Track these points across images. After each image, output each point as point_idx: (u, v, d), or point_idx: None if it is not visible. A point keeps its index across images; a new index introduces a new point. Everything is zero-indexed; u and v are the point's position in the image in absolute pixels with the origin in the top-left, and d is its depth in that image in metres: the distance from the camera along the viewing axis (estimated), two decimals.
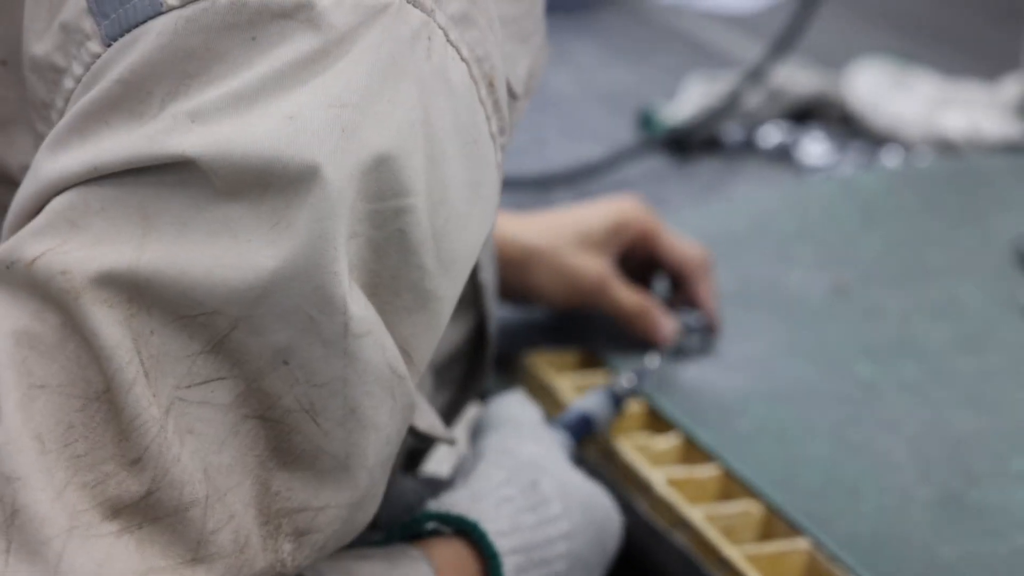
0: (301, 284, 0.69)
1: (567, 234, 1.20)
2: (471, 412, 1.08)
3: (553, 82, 1.92)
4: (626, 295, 1.20)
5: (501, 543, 0.85)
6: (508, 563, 0.85)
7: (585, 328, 1.25)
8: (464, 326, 0.96)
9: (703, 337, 1.22)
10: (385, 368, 0.73)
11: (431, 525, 0.85)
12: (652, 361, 1.16)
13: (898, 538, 1.00)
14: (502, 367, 1.24)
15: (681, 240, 1.24)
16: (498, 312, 1.28)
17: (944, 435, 1.12)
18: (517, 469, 0.89)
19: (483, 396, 1.09)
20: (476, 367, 1.01)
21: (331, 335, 0.71)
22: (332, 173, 0.69)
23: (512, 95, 0.83)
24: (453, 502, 0.86)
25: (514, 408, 0.96)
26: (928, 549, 0.99)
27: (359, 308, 0.71)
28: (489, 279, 0.96)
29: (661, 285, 1.28)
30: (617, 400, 1.10)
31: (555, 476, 0.90)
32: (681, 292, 1.25)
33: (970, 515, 1.02)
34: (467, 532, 0.85)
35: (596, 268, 1.19)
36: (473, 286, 0.94)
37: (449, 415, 1.02)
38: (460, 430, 1.10)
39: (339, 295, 0.70)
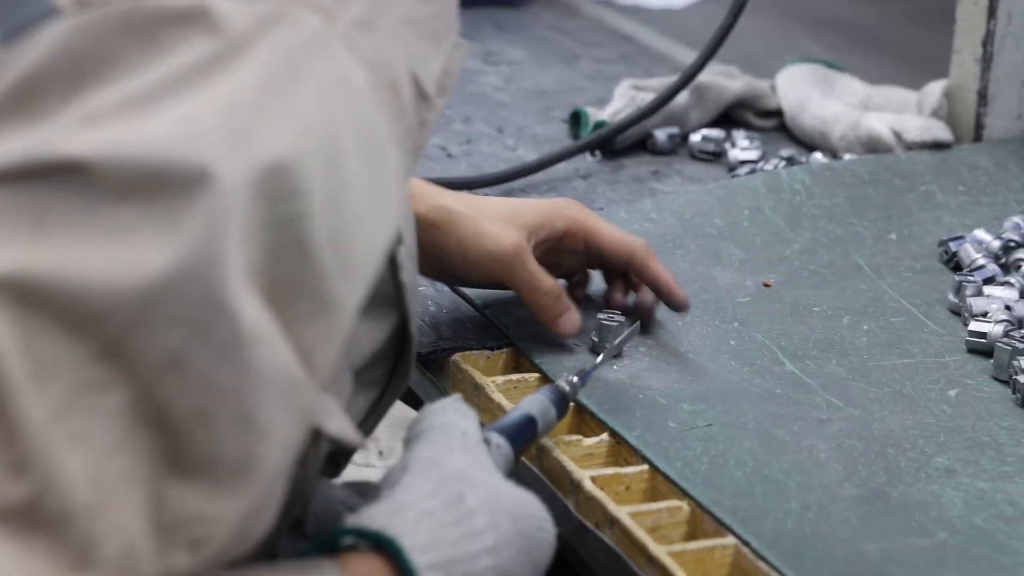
0: (192, 288, 0.69)
1: (494, 210, 1.20)
2: (396, 412, 1.07)
3: (483, 82, 1.92)
4: (541, 274, 1.19)
5: (419, 559, 0.83)
6: None
7: (514, 328, 1.25)
8: (386, 326, 0.96)
9: (632, 335, 1.22)
10: (281, 375, 0.72)
11: (348, 540, 0.83)
12: (593, 361, 1.15)
13: (823, 535, 1.01)
14: (430, 368, 1.24)
15: (617, 235, 1.24)
16: (427, 311, 1.29)
17: (869, 433, 1.13)
18: (442, 481, 0.87)
19: (415, 397, 1.08)
20: (398, 367, 1.01)
21: (223, 341, 0.70)
22: (225, 176, 0.69)
23: (423, 96, 0.83)
24: (372, 516, 0.84)
25: (449, 414, 0.95)
26: (852, 546, 1.00)
27: (253, 314, 0.70)
28: (411, 279, 0.96)
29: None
30: (561, 402, 1.08)
31: (483, 488, 0.89)
32: (630, 278, 1.25)
33: (894, 512, 1.04)
34: (384, 547, 0.83)
35: (514, 238, 1.19)
36: (395, 286, 0.94)
37: (372, 416, 1.02)
38: (384, 430, 1.09)
39: (230, 300, 0.70)
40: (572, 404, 1.15)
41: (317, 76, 0.73)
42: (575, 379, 1.09)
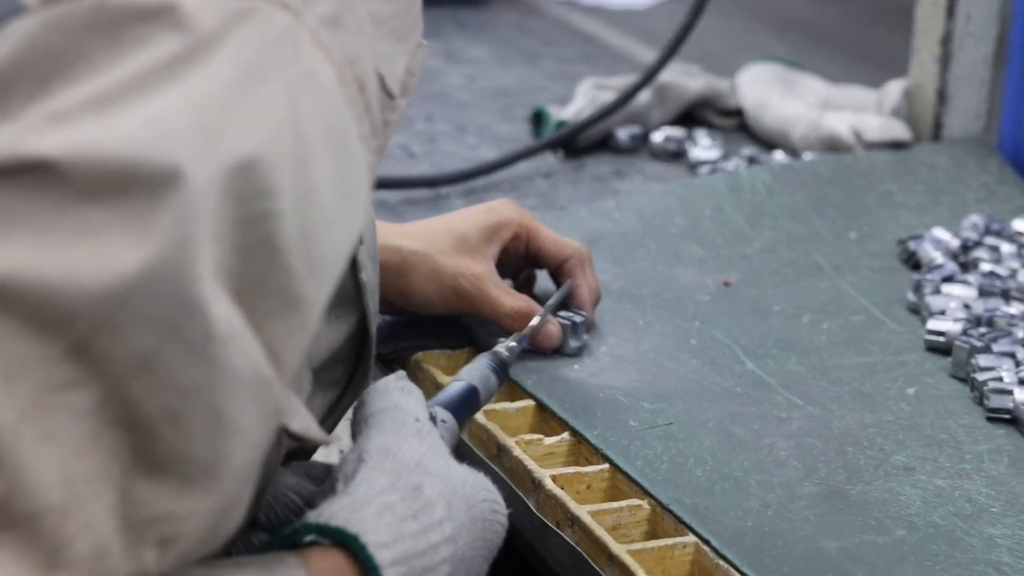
0: (162, 288, 0.69)
1: (443, 239, 1.21)
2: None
3: (445, 81, 1.92)
4: (504, 297, 1.20)
5: (382, 555, 0.83)
6: (390, 574, 0.83)
7: (474, 328, 1.25)
8: (346, 326, 0.96)
9: (581, 334, 1.22)
10: (251, 373, 0.72)
11: (310, 537, 0.83)
12: (532, 324, 1.16)
13: (782, 533, 1.01)
14: (391, 367, 1.24)
15: (559, 237, 1.25)
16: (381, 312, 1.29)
17: (828, 431, 1.14)
18: (399, 473, 0.87)
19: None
20: (358, 367, 1.01)
21: (194, 340, 0.70)
22: (195, 175, 0.69)
23: (388, 95, 0.83)
24: (333, 512, 0.84)
25: (395, 395, 0.94)
26: (812, 543, 1.00)
27: (223, 313, 0.70)
28: (371, 279, 0.96)
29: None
30: (501, 369, 1.08)
31: (439, 476, 0.89)
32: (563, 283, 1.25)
33: (853, 509, 1.04)
34: (347, 544, 0.83)
35: (473, 271, 1.20)
36: (355, 286, 0.94)
37: (332, 415, 1.02)
38: (346, 429, 1.09)
39: (201, 299, 0.69)
40: (536, 404, 1.16)
41: (285, 73, 0.72)
42: (513, 343, 1.11)
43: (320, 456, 1.08)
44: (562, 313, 1.22)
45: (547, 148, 1.65)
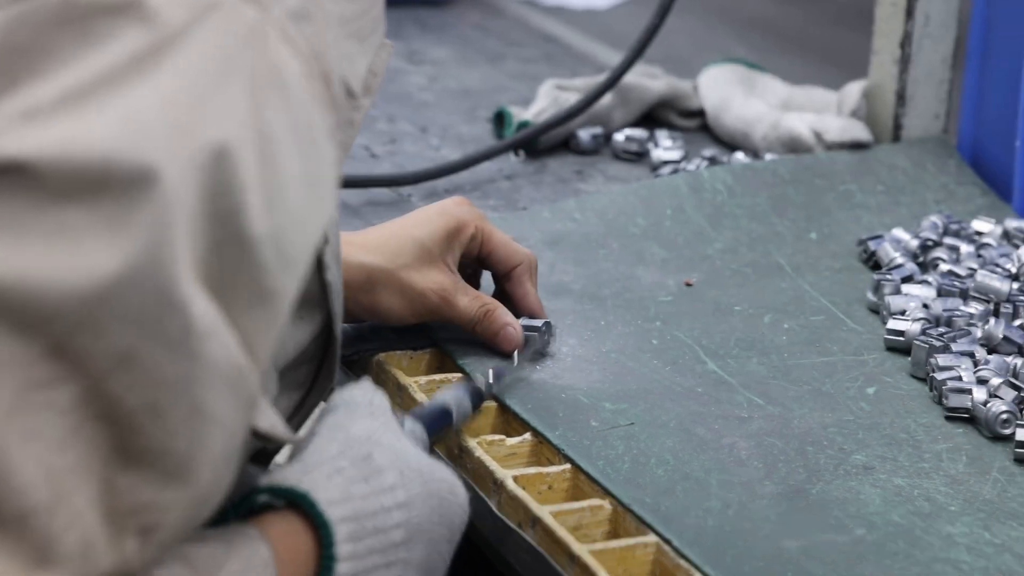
0: (142, 286, 0.69)
1: (406, 251, 1.20)
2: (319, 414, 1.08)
3: (407, 82, 1.92)
4: (468, 305, 1.20)
5: (332, 511, 0.85)
6: (340, 531, 0.85)
7: (437, 329, 1.25)
8: (311, 326, 0.96)
9: (548, 338, 1.23)
10: (229, 365, 0.73)
11: (263, 498, 0.85)
12: (511, 360, 1.17)
13: (743, 533, 1.01)
14: (353, 368, 1.24)
15: (510, 242, 1.25)
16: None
17: (789, 431, 1.14)
18: (349, 443, 0.89)
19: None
20: (323, 368, 1.01)
21: (174, 335, 0.71)
22: (170, 173, 0.69)
23: (351, 94, 0.83)
24: (284, 475, 0.86)
25: (356, 392, 0.96)
26: (772, 542, 1.01)
27: (201, 307, 0.71)
28: (335, 279, 0.96)
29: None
30: (476, 397, 1.11)
31: (390, 449, 0.90)
32: (507, 293, 1.25)
33: (813, 509, 1.05)
34: (298, 503, 0.85)
35: (437, 283, 1.19)
36: (320, 286, 0.94)
37: (296, 417, 1.02)
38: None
39: (181, 296, 0.70)
40: (497, 404, 1.16)
41: (252, 68, 0.73)
42: (491, 380, 1.13)
43: (280, 459, 1.08)
44: (524, 321, 1.22)
45: (509, 149, 1.65)
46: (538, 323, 1.22)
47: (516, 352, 1.19)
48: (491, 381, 1.13)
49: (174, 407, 0.72)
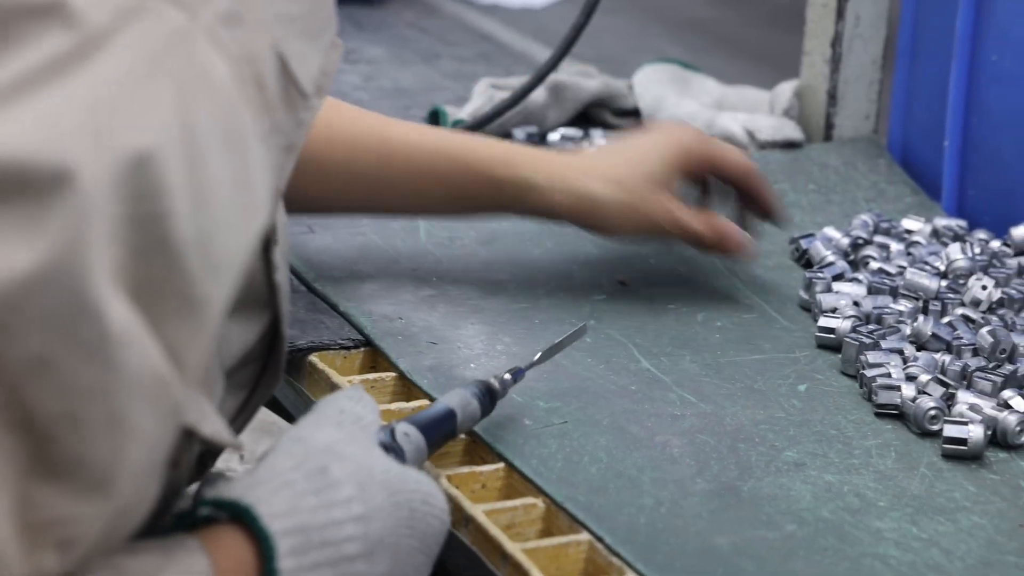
0: (56, 289, 0.68)
1: (632, 178, 1.28)
2: (259, 416, 1.07)
3: (342, 81, 1.92)
4: (698, 225, 1.29)
5: (275, 524, 0.83)
6: (283, 544, 0.83)
7: (372, 328, 1.25)
8: (258, 326, 0.96)
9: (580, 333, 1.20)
10: (149, 375, 0.72)
11: (206, 511, 0.84)
12: (531, 357, 1.13)
13: (675, 530, 1.02)
14: (287, 367, 1.24)
15: (732, 152, 1.34)
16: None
17: (721, 428, 1.15)
18: (307, 456, 0.88)
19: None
20: (268, 368, 1.00)
21: (90, 342, 0.70)
22: (86, 176, 0.69)
23: (302, 94, 0.83)
24: (230, 487, 0.85)
25: (341, 400, 0.95)
26: (704, 539, 1.01)
27: (119, 314, 0.70)
28: (284, 280, 0.96)
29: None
30: (487, 397, 1.07)
31: (351, 461, 0.89)
32: (744, 198, 1.36)
33: (744, 505, 1.06)
34: (241, 516, 0.84)
35: (664, 210, 1.28)
36: (269, 287, 0.94)
37: (240, 417, 1.02)
38: (246, 435, 1.08)
39: (96, 301, 0.69)
40: (429, 403, 1.16)
41: (177, 72, 0.72)
42: (507, 376, 1.09)
43: (222, 460, 1.07)
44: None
45: None
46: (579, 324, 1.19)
47: (540, 353, 1.14)
48: (506, 379, 1.09)
49: (91, 416, 0.71)
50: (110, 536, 0.74)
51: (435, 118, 1.74)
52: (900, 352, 1.24)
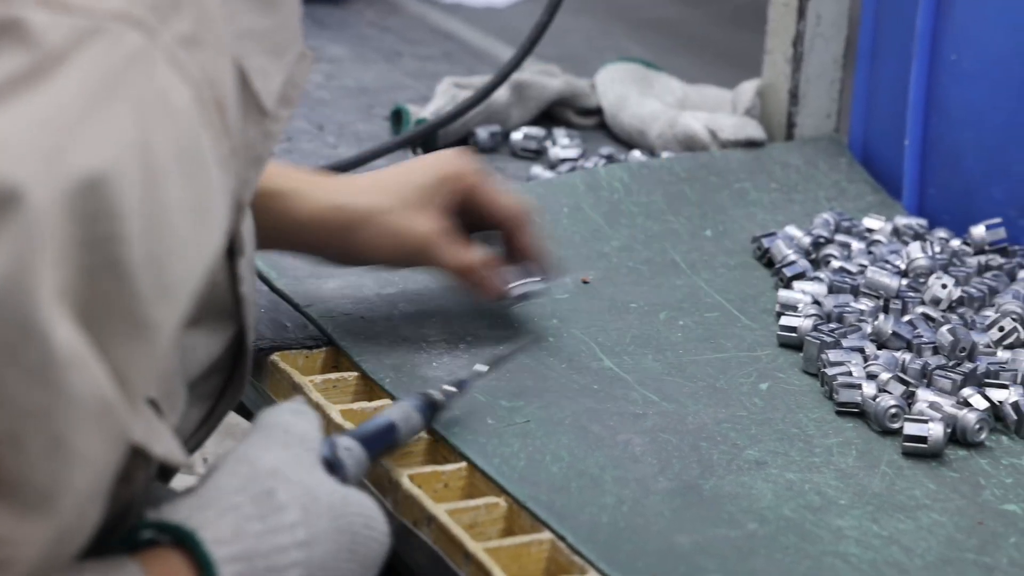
0: (1, 310, 0.67)
1: (393, 193, 1.17)
2: (226, 419, 1.06)
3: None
4: (454, 253, 1.18)
5: (219, 551, 0.82)
6: (226, 571, 0.82)
7: (334, 328, 1.25)
8: (223, 337, 0.95)
9: (541, 284, 1.22)
10: (93, 398, 0.71)
11: (148, 534, 0.83)
12: (477, 369, 1.13)
13: (637, 528, 1.02)
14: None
15: (502, 192, 1.23)
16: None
17: (683, 427, 1.15)
18: (253, 478, 0.87)
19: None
20: (233, 379, 1.00)
21: (33, 363, 0.69)
22: (36, 196, 0.68)
23: (261, 111, 0.82)
24: (174, 510, 0.84)
25: (284, 415, 0.93)
26: (665, 538, 1.02)
27: (65, 336, 0.70)
28: (250, 291, 0.95)
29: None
30: (430, 409, 1.07)
31: (297, 484, 0.88)
32: (509, 243, 1.24)
33: (706, 504, 1.06)
34: (184, 541, 0.83)
35: (424, 228, 1.17)
36: (234, 298, 0.93)
37: (205, 426, 1.01)
38: (211, 438, 1.08)
39: (41, 322, 0.68)
40: (392, 403, 1.15)
41: (135, 94, 0.72)
42: (451, 388, 1.09)
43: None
44: (517, 281, 1.22)
45: (407, 146, 1.65)
46: (533, 281, 1.20)
47: (483, 365, 1.14)
48: (449, 391, 1.09)
49: (33, 438, 0.70)
50: (51, 557, 0.73)
51: (398, 117, 1.74)
52: (861, 351, 1.24)
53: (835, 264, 1.39)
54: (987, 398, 1.18)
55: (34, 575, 0.73)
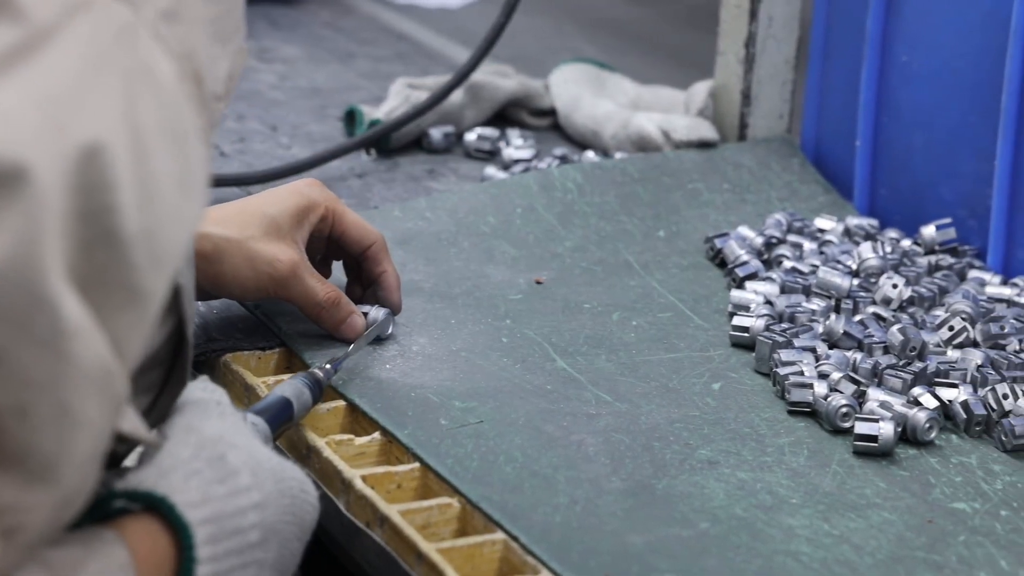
0: (12, 284, 0.68)
1: (255, 223, 1.20)
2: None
3: (257, 80, 1.91)
4: (317, 285, 1.21)
5: (192, 514, 0.85)
6: (200, 533, 0.85)
7: (286, 329, 1.25)
8: (164, 329, 0.95)
9: (387, 324, 1.23)
10: (97, 366, 0.73)
11: (119, 503, 0.85)
12: (347, 350, 1.17)
13: (590, 528, 1.02)
14: (201, 369, 1.23)
15: (363, 222, 1.25)
16: (197, 311, 1.27)
17: (636, 427, 1.16)
18: (202, 445, 0.89)
19: None
20: (174, 372, 1.00)
21: (43, 335, 0.70)
22: (41, 170, 0.69)
23: (215, 96, 0.83)
24: (140, 479, 0.85)
25: (198, 392, 0.96)
26: (618, 538, 1.02)
27: (71, 307, 0.71)
28: (187, 281, 0.95)
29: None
30: (316, 387, 1.11)
31: (243, 449, 0.90)
32: (363, 272, 1.26)
33: (658, 503, 1.06)
34: (157, 507, 0.84)
35: (287, 256, 1.19)
36: (172, 290, 0.93)
37: (148, 420, 1.01)
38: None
39: (51, 295, 0.70)
40: (346, 404, 1.16)
41: (124, 67, 0.72)
42: (328, 366, 1.13)
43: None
44: (364, 308, 1.23)
45: (360, 147, 1.65)
46: (380, 312, 1.23)
47: (352, 345, 1.19)
48: (328, 369, 1.13)
49: (40, 408, 0.71)
50: (52, 525, 0.75)
51: (351, 118, 1.74)
52: (812, 350, 1.25)
53: (787, 264, 1.40)
54: (937, 397, 1.19)
55: (37, 543, 0.74)
